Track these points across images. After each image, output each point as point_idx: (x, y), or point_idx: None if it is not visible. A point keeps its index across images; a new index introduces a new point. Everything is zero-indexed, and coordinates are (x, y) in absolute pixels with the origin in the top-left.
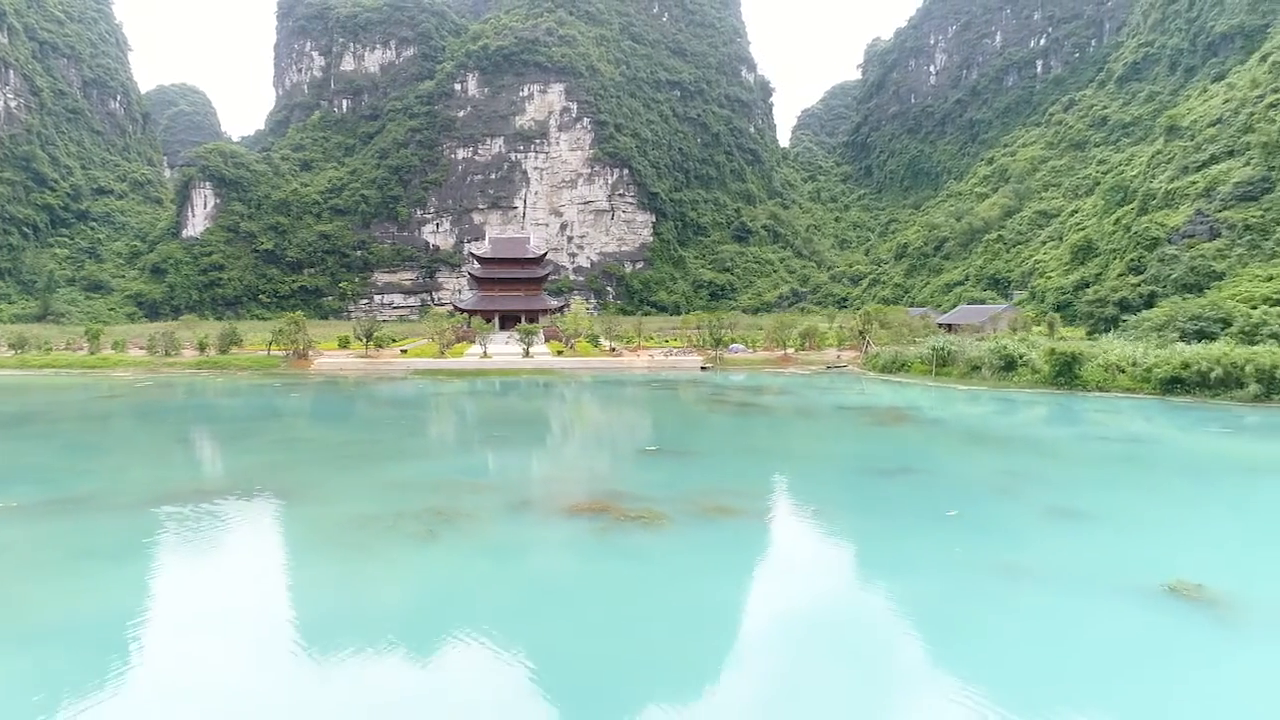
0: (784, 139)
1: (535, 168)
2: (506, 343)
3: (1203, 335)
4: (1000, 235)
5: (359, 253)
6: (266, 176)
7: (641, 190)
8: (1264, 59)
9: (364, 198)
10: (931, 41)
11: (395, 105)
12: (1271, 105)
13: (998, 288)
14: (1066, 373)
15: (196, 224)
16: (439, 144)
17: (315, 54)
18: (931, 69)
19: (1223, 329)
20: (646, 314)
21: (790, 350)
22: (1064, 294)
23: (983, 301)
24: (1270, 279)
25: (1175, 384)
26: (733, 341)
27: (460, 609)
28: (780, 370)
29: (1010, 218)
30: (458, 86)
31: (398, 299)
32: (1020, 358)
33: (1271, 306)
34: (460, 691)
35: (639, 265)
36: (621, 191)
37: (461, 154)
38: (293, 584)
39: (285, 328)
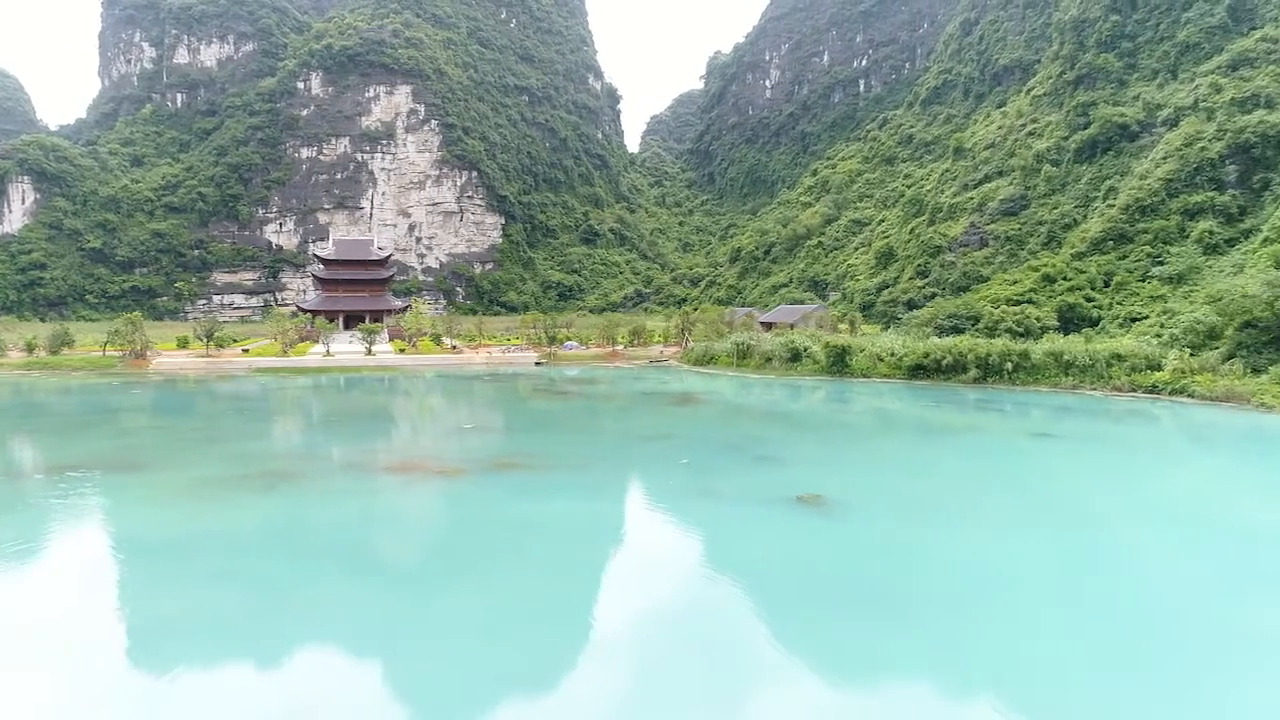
0: (635, 143)
1: (382, 169)
2: (350, 342)
3: (957, 330)
4: (820, 241)
5: (196, 252)
6: (93, 171)
7: (490, 193)
8: (1028, 92)
9: (201, 195)
10: (767, 57)
11: (234, 102)
12: (1030, 133)
13: (817, 289)
14: (839, 362)
15: (13, 220)
16: (281, 143)
17: (145, 45)
18: (767, 83)
19: (973, 325)
20: (496, 314)
21: (620, 347)
22: (869, 295)
23: (803, 302)
24: (1015, 283)
25: (919, 370)
26: (567, 339)
27: (293, 529)
28: (608, 364)
29: (830, 225)
30: (301, 85)
31: (239, 299)
32: (805, 350)
33: (1010, 306)
34: (284, 581)
35: (488, 266)
36: (470, 194)
37: (305, 153)
38: (155, 518)
39: (122, 328)
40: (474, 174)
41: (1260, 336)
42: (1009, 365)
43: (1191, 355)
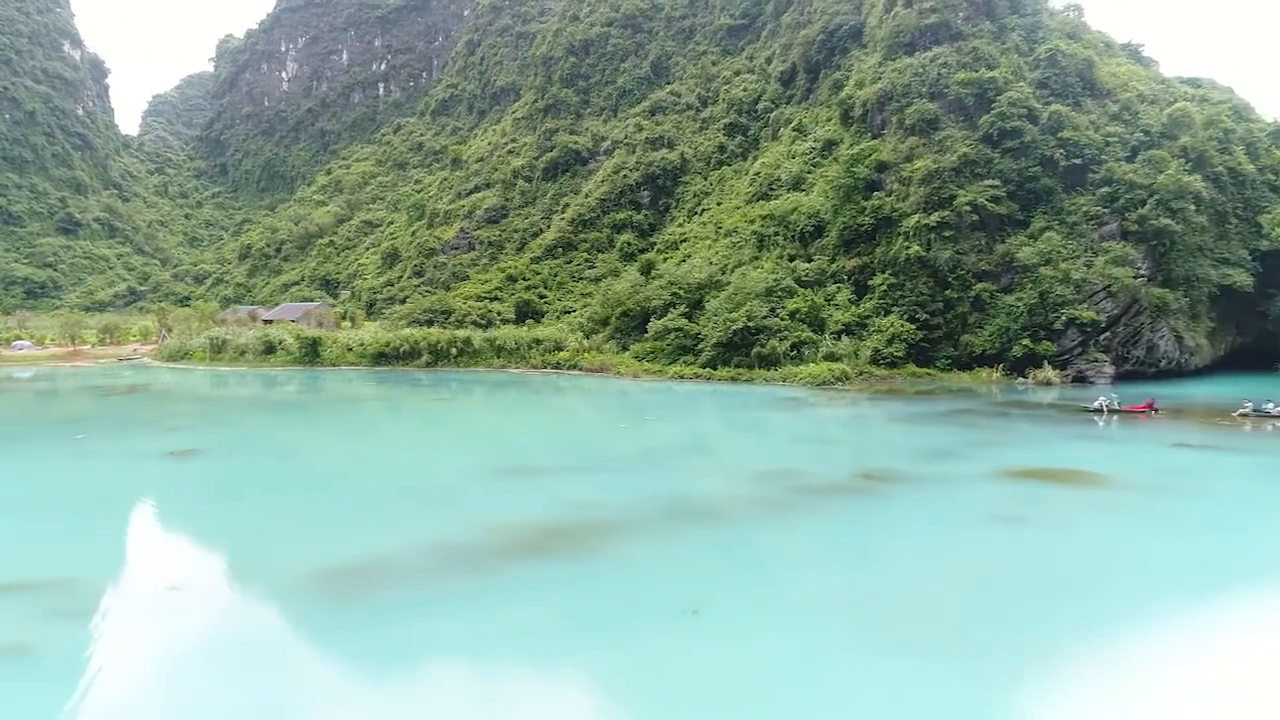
0: (134, 124)
1: None
2: None
3: (431, 323)
4: (333, 241)
5: None
6: None
7: None
8: (513, 114)
9: None
10: (283, 49)
11: None
12: (510, 151)
13: (328, 288)
14: (312, 353)
15: None
16: None
17: None
18: (284, 75)
19: (446, 318)
20: None
21: (87, 346)
22: (375, 293)
23: (313, 299)
24: (486, 282)
25: (381, 357)
26: (18, 338)
27: None
28: (70, 364)
29: (343, 225)
30: None
31: None
32: (279, 343)
33: (478, 302)
34: None
35: None
36: None
37: None
38: None
39: None
40: None
41: (630, 322)
42: (454, 351)
43: (586, 338)
